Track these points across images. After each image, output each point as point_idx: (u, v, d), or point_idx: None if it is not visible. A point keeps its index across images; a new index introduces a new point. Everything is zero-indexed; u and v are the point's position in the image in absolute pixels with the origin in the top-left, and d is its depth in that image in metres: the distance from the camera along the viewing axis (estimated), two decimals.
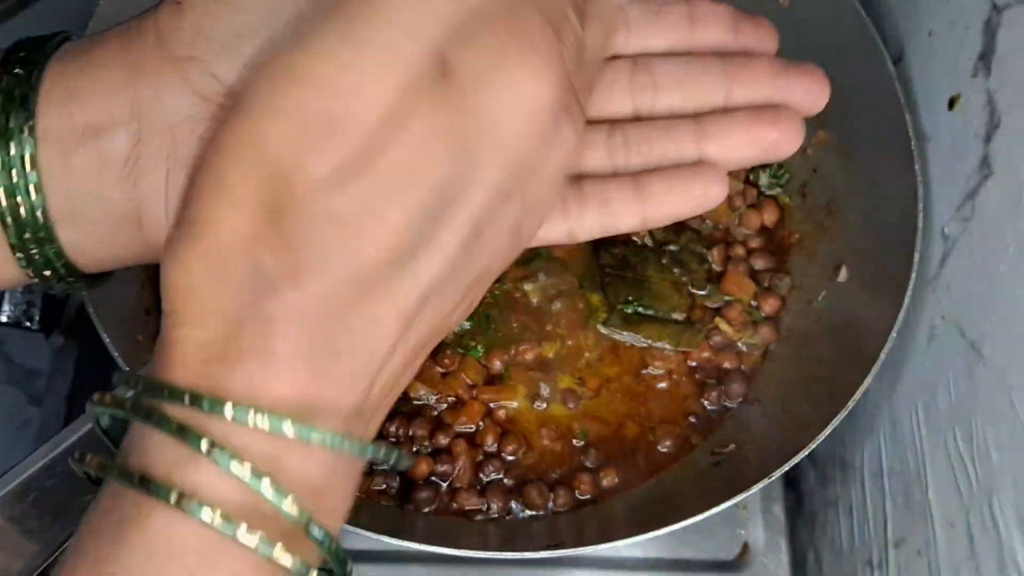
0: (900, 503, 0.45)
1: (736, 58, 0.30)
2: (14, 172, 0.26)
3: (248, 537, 0.22)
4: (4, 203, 0.26)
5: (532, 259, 0.53)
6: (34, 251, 0.27)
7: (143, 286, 0.49)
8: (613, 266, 0.53)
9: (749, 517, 0.53)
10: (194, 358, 0.23)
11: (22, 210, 0.26)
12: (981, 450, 0.39)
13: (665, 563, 0.51)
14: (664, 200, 0.29)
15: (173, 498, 0.21)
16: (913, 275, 0.44)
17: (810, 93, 0.30)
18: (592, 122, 0.30)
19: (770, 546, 0.52)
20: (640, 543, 0.51)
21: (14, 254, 0.27)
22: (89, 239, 0.27)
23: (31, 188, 0.26)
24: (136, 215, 0.27)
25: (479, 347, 0.51)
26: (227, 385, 0.22)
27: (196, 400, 0.22)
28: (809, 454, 0.43)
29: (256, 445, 0.22)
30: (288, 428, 0.22)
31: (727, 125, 0.30)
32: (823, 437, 0.43)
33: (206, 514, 0.21)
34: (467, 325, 0.51)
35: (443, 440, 0.49)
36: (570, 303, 0.53)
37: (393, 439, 0.49)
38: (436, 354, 0.51)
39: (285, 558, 0.22)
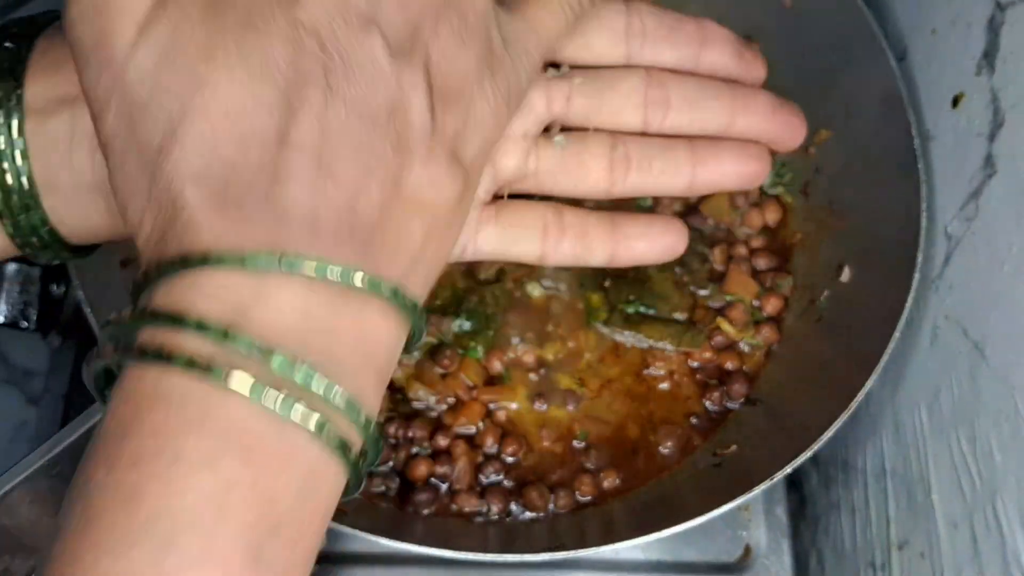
0: (903, 504, 0.45)
1: (739, 88, 0.32)
2: (2, 139, 0.26)
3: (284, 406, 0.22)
4: None
5: None
6: (21, 218, 0.27)
7: None
8: None
9: (751, 519, 0.52)
10: (150, 257, 0.23)
11: (8, 176, 0.27)
12: (984, 451, 0.39)
13: (666, 565, 0.51)
14: (635, 244, 0.31)
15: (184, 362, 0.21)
16: (916, 275, 0.44)
17: (795, 133, 0.33)
18: (598, 130, 0.31)
19: (772, 548, 0.52)
20: (641, 545, 0.50)
21: (1, 220, 0.27)
22: (65, 209, 0.28)
23: (17, 155, 0.27)
24: (103, 186, 0.27)
25: (479, 348, 0.51)
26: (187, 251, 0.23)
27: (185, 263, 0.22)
28: (812, 455, 0.42)
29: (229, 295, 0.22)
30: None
31: (720, 154, 0.32)
32: (826, 438, 0.42)
33: (235, 381, 0.21)
34: (467, 325, 0.51)
35: (442, 442, 0.49)
36: (570, 303, 0.52)
37: (392, 440, 0.49)
38: (435, 355, 0.50)
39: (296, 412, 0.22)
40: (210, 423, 0.21)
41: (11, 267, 0.50)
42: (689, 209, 0.54)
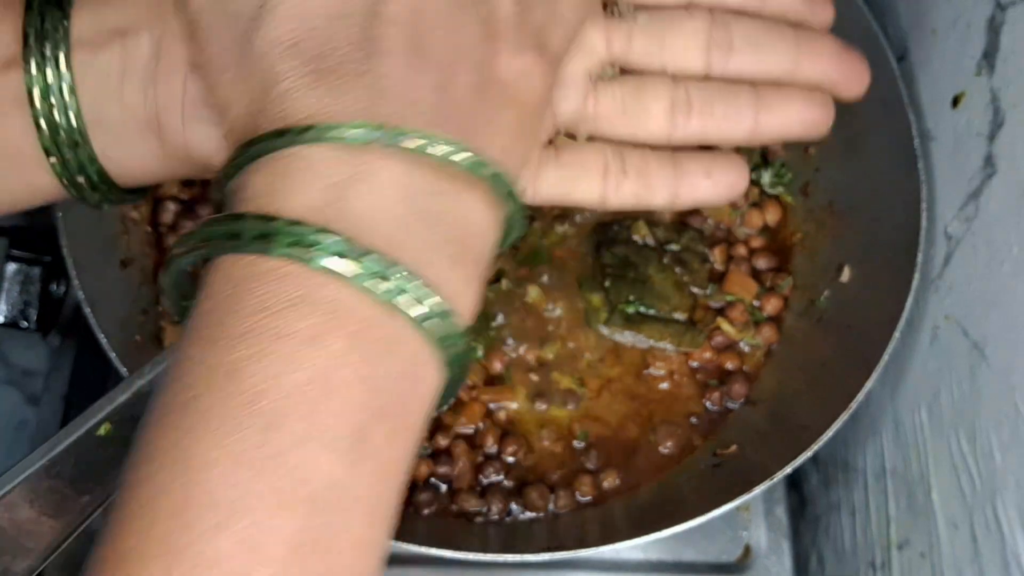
0: (903, 505, 0.45)
1: (805, 32, 0.31)
2: (49, 73, 0.26)
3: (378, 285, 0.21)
4: (39, 104, 0.26)
5: (533, 259, 0.53)
6: (68, 156, 0.27)
7: (140, 286, 0.48)
8: (614, 265, 0.52)
9: (751, 519, 0.52)
10: (240, 135, 0.23)
11: (56, 112, 0.26)
12: (984, 451, 0.38)
13: (667, 565, 0.51)
14: (698, 183, 0.30)
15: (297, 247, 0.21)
16: (916, 275, 0.44)
17: (861, 78, 0.31)
18: (658, 74, 0.30)
19: (772, 548, 0.52)
20: (641, 545, 0.50)
21: (48, 158, 0.27)
22: (115, 146, 0.27)
23: (64, 89, 0.26)
24: (155, 121, 0.27)
25: (479, 348, 0.51)
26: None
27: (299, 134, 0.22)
28: (812, 455, 0.42)
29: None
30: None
31: (786, 99, 0.30)
32: (826, 438, 0.42)
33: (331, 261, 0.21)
34: None
35: (443, 442, 0.49)
36: (570, 303, 0.52)
37: None
38: None
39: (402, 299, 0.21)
40: (313, 302, 0.21)
41: (11, 267, 0.50)
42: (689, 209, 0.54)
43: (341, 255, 0.21)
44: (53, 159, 0.27)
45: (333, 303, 0.21)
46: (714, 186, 0.30)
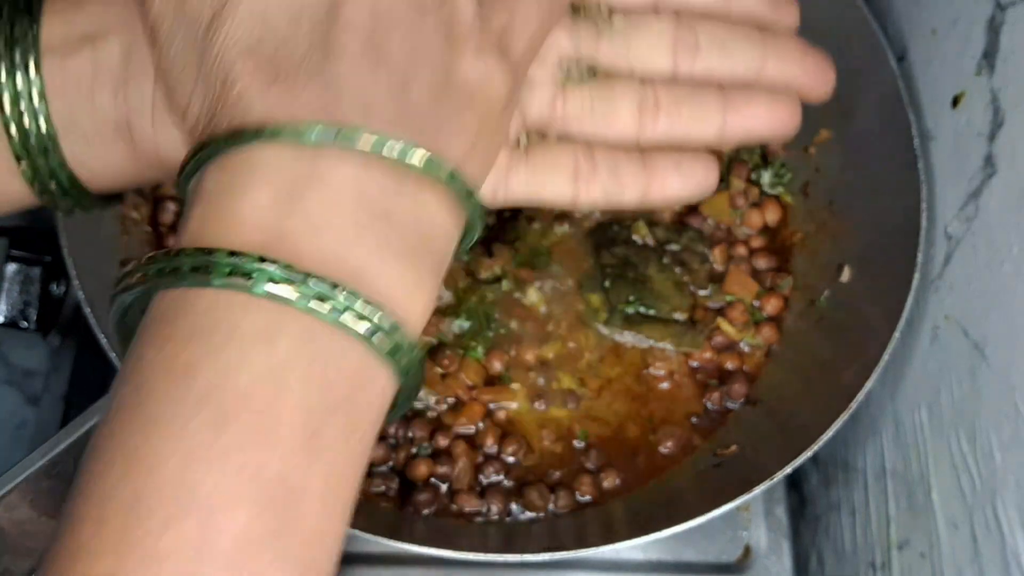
0: (903, 505, 0.45)
1: (770, 33, 0.31)
2: (19, 79, 0.26)
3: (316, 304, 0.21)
4: (8, 110, 0.26)
5: (533, 259, 0.53)
6: (39, 161, 0.27)
7: None
8: (614, 266, 0.52)
9: (751, 519, 0.52)
10: (198, 138, 0.24)
11: (26, 118, 0.26)
12: (984, 451, 0.38)
13: (666, 565, 0.51)
14: (668, 179, 0.30)
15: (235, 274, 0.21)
16: (916, 275, 0.44)
17: (826, 79, 0.31)
18: (626, 75, 0.31)
19: (772, 548, 0.52)
20: (641, 545, 0.50)
21: (19, 164, 0.27)
22: (86, 152, 0.27)
23: (35, 95, 0.26)
24: (126, 126, 0.27)
25: (479, 348, 0.51)
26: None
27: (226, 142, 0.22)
28: (812, 455, 0.42)
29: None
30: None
31: (751, 99, 0.30)
32: (826, 438, 0.42)
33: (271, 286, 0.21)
34: (467, 325, 0.51)
35: (443, 442, 0.49)
36: (570, 303, 0.52)
37: (392, 440, 0.49)
38: (435, 355, 0.50)
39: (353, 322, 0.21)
40: (265, 305, 0.21)
41: (11, 267, 0.50)
42: (689, 209, 0.54)
43: (281, 281, 0.21)
44: (24, 165, 0.27)
45: (280, 312, 0.21)
46: (684, 182, 0.30)
